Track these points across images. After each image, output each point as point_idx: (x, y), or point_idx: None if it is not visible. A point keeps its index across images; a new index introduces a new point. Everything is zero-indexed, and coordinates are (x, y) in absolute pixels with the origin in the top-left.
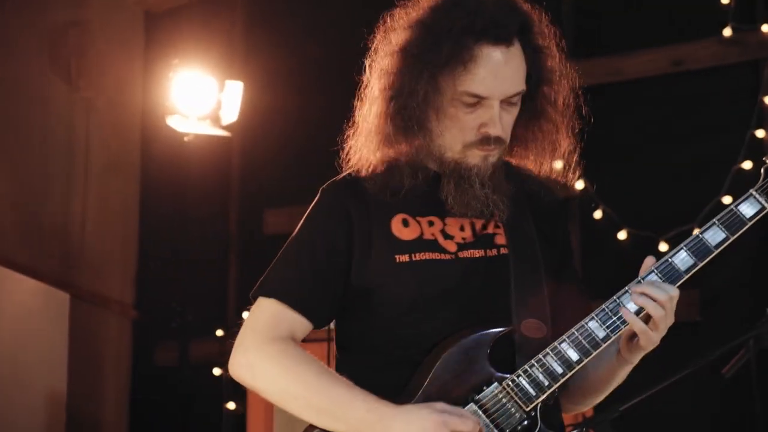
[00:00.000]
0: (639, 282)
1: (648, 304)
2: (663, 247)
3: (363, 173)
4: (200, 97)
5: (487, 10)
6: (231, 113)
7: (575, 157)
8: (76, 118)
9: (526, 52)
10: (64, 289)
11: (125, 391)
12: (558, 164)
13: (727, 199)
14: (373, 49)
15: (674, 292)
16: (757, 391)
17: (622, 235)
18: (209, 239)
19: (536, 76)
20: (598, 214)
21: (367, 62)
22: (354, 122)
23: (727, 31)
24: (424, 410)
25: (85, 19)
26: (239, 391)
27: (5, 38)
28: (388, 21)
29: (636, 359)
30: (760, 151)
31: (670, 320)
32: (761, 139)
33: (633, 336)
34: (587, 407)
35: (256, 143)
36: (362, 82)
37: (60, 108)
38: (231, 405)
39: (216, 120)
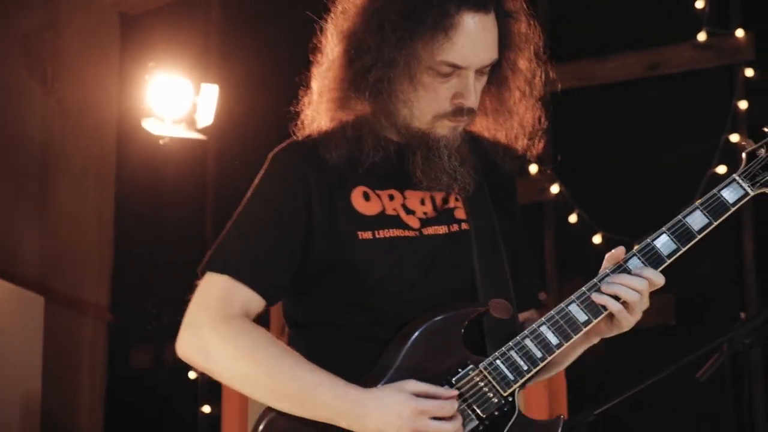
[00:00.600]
0: (620, 267)
1: (620, 291)
2: None
3: (320, 141)
4: (176, 100)
5: None
6: (206, 116)
7: (540, 127)
8: (51, 121)
9: (498, 17)
10: (38, 292)
11: (100, 393)
12: (520, 133)
13: None
14: (335, 10)
15: (658, 278)
16: (731, 393)
17: (597, 239)
18: (185, 242)
19: (504, 41)
20: (573, 218)
21: (327, 23)
22: (309, 88)
23: (701, 36)
24: (399, 395)
25: (61, 22)
26: (215, 394)
27: None
28: None
29: (598, 339)
30: (734, 156)
31: (645, 304)
32: (735, 144)
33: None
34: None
35: (232, 146)
36: (318, 45)
37: (35, 110)
38: (206, 408)
39: (191, 123)
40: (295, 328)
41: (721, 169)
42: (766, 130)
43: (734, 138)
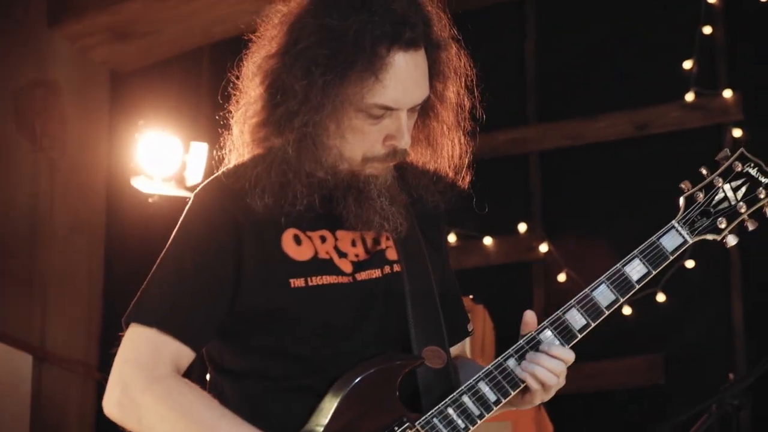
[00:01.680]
0: (533, 339)
1: (538, 373)
2: (627, 310)
3: (247, 185)
4: (165, 159)
5: (395, 10)
6: (196, 175)
7: (467, 159)
8: (40, 179)
9: (428, 50)
10: (27, 351)
11: None
12: (446, 166)
13: (690, 263)
14: (255, 47)
15: (568, 356)
16: None
17: None
18: None
19: (432, 72)
20: (562, 277)
21: (246, 61)
22: (229, 128)
23: (689, 96)
24: None
25: (51, 79)
26: None
27: None
28: (273, 19)
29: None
30: None
31: (562, 383)
32: None
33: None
34: None
35: None
36: (236, 82)
37: (24, 168)
38: None
39: (181, 181)
40: (222, 373)
41: None
42: (703, 171)
43: None
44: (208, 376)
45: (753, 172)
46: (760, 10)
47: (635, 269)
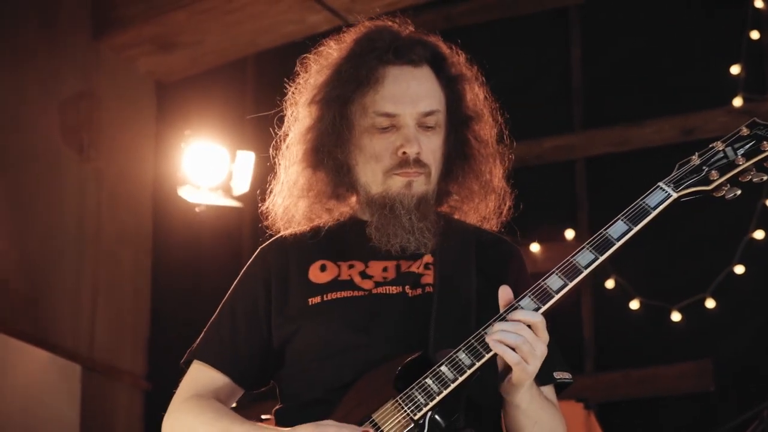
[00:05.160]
0: (515, 307)
1: (499, 337)
2: (676, 316)
3: (292, 229)
4: (212, 168)
5: (393, 39)
6: (243, 184)
7: (509, 198)
8: (87, 189)
9: (441, 80)
10: (75, 361)
11: None
12: (496, 203)
13: (739, 269)
14: (290, 99)
15: (530, 317)
16: None
17: (634, 304)
18: None
19: (458, 110)
20: (610, 284)
21: (287, 114)
22: (277, 176)
23: (737, 101)
24: (308, 428)
25: (97, 90)
26: None
27: (17, 108)
28: (302, 70)
29: (518, 399)
30: None
31: (539, 348)
32: None
33: (507, 373)
34: None
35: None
36: (282, 134)
37: (71, 178)
38: None
39: (228, 190)
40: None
41: (759, 234)
42: (712, 145)
43: None
44: None
45: (762, 132)
46: None
47: (616, 229)
